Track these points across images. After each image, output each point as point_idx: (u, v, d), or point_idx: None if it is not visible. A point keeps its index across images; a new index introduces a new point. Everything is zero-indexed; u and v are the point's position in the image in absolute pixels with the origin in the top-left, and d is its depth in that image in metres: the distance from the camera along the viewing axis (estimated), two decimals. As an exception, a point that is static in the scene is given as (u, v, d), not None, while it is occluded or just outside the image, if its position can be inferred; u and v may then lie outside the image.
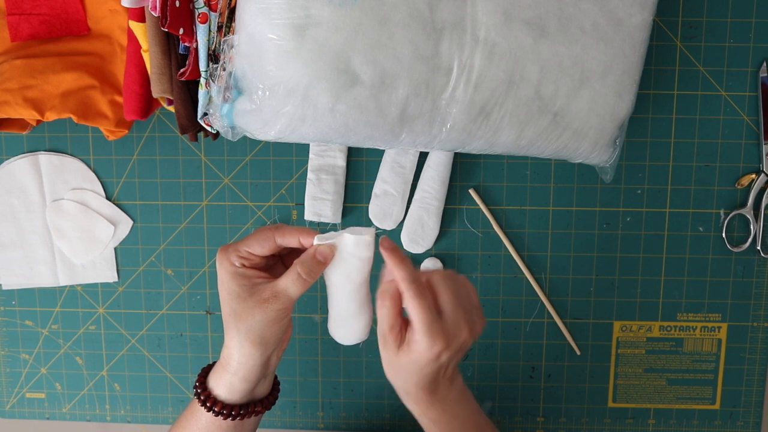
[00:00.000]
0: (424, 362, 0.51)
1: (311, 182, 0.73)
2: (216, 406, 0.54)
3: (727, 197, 0.74)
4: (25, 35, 0.67)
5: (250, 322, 0.51)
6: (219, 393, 0.54)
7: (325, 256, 0.50)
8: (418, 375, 0.52)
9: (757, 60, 0.72)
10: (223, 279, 0.51)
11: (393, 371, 0.54)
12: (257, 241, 0.51)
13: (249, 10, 0.54)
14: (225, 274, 0.51)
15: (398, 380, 0.54)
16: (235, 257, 0.51)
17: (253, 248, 0.51)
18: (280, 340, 0.54)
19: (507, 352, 0.78)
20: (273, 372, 0.57)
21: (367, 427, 0.80)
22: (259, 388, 0.56)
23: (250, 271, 0.51)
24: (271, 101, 0.56)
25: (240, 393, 0.54)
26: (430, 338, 0.50)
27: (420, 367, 0.52)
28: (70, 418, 0.81)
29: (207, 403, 0.54)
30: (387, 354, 0.53)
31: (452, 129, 0.60)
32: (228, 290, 0.51)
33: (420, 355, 0.51)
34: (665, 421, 0.79)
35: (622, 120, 0.64)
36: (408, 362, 0.52)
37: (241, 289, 0.51)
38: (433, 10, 0.56)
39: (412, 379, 0.53)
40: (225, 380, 0.54)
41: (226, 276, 0.51)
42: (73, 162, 0.75)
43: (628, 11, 0.61)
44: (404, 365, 0.52)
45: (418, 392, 0.54)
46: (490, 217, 0.75)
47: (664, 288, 0.76)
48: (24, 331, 0.79)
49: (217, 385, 0.55)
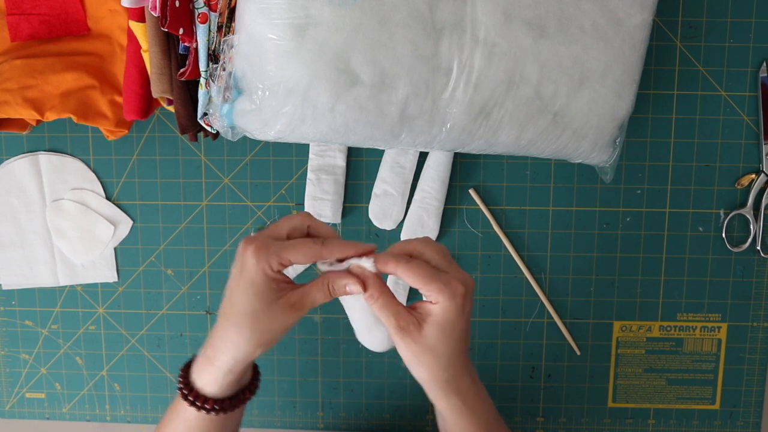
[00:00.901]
0: (454, 318, 0.51)
1: (311, 182, 0.73)
2: (207, 404, 0.53)
3: (727, 197, 0.74)
4: (25, 35, 0.67)
5: (269, 325, 0.50)
6: (205, 388, 0.53)
7: (353, 290, 0.51)
8: (454, 338, 0.51)
9: (757, 60, 0.72)
10: (255, 279, 0.50)
11: (425, 355, 0.52)
12: (301, 253, 0.50)
13: (249, 10, 0.54)
14: (259, 273, 0.49)
15: (433, 360, 0.52)
16: (276, 262, 0.49)
17: (296, 259, 0.50)
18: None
19: (507, 352, 0.78)
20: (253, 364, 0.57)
21: (367, 427, 0.80)
22: (244, 378, 0.56)
23: (281, 275, 0.51)
24: (271, 101, 0.56)
25: (228, 387, 0.54)
26: (448, 288, 0.50)
27: (452, 328, 0.51)
28: (70, 418, 0.81)
29: (190, 398, 0.53)
30: (411, 340, 0.51)
31: (452, 129, 0.60)
32: (256, 290, 0.50)
33: (447, 313, 0.50)
34: (665, 421, 0.79)
35: (622, 120, 0.64)
36: (438, 331, 0.51)
37: (269, 291, 0.50)
38: (433, 10, 0.56)
39: (449, 346, 0.52)
40: (211, 375, 0.53)
41: (260, 276, 0.50)
42: (73, 162, 0.75)
43: (628, 11, 0.61)
44: (435, 338, 0.51)
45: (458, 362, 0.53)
46: (490, 217, 0.75)
47: (664, 288, 0.76)
48: (24, 331, 0.79)
49: (203, 380, 0.53)
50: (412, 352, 0.52)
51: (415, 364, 0.53)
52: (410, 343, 0.51)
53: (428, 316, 0.51)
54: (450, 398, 0.54)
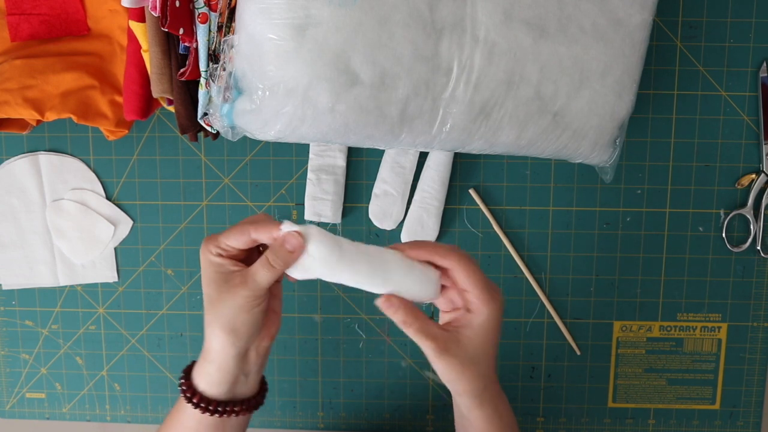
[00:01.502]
0: (495, 327, 0.52)
1: (311, 182, 0.73)
2: (195, 398, 0.54)
3: (727, 197, 0.74)
4: (25, 35, 0.67)
5: (221, 308, 0.52)
6: (199, 383, 0.55)
7: (293, 245, 0.50)
8: (493, 345, 0.53)
9: (757, 60, 0.72)
10: (203, 267, 0.53)
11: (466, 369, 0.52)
12: (235, 234, 0.52)
13: (249, 10, 0.54)
14: (204, 261, 0.53)
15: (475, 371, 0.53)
16: (214, 247, 0.52)
17: (230, 241, 0.52)
18: (252, 332, 0.53)
19: (507, 352, 0.78)
20: (255, 371, 0.56)
21: (367, 427, 0.80)
22: (241, 386, 0.56)
23: (227, 260, 0.52)
24: (271, 101, 0.56)
25: (218, 386, 0.54)
26: (497, 295, 0.52)
27: (493, 336, 0.53)
28: (70, 418, 0.81)
29: (187, 394, 0.54)
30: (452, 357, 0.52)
31: (452, 129, 0.60)
32: (206, 277, 0.53)
33: (490, 322, 0.52)
34: (665, 421, 0.79)
35: (622, 120, 0.64)
36: (480, 342, 0.52)
37: (217, 276, 0.52)
38: (433, 10, 0.56)
39: (489, 354, 0.53)
40: (204, 370, 0.54)
41: (205, 264, 0.53)
42: (73, 162, 0.75)
43: (628, 11, 0.61)
44: (476, 349, 0.52)
45: (492, 369, 0.54)
46: (490, 217, 0.75)
47: (664, 288, 0.76)
48: (24, 331, 0.79)
49: (198, 376, 0.55)
50: (455, 369, 0.52)
51: (455, 380, 0.53)
52: (452, 360, 0.52)
53: (466, 328, 0.52)
54: (484, 408, 0.55)
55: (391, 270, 0.52)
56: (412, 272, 0.52)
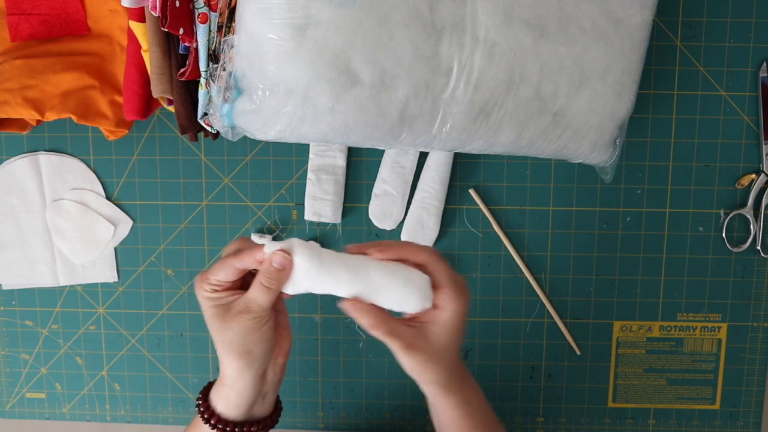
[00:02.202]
0: (462, 322, 0.54)
1: (311, 182, 0.73)
2: (213, 419, 0.55)
3: (727, 197, 0.74)
4: (25, 35, 0.67)
5: (230, 335, 0.53)
6: (217, 405, 0.56)
7: (280, 263, 0.52)
8: (458, 339, 0.55)
9: (757, 60, 0.72)
10: (202, 304, 0.54)
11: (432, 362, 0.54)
12: (221, 269, 0.53)
13: (249, 10, 0.54)
14: (201, 300, 0.54)
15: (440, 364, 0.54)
16: (206, 284, 0.54)
17: (219, 276, 0.53)
18: (266, 350, 0.54)
19: (507, 352, 0.78)
20: (272, 390, 0.57)
21: (367, 427, 0.80)
22: (257, 407, 0.57)
23: (223, 293, 0.54)
24: (271, 101, 0.56)
25: (236, 408, 0.55)
26: (464, 291, 0.54)
27: (459, 330, 0.54)
28: (70, 418, 0.81)
29: (205, 415, 0.56)
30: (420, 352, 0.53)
31: (452, 129, 0.60)
32: (207, 313, 0.54)
33: (457, 317, 0.53)
34: (665, 421, 0.79)
35: (622, 120, 0.64)
36: (447, 336, 0.54)
37: (217, 309, 0.53)
38: (433, 10, 0.56)
39: (454, 348, 0.55)
40: (223, 394, 0.56)
41: (203, 301, 0.54)
42: (73, 162, 0.75)
43: (628, 11, 0.61)
44: (443, 344, 0.54)
45: (457, 359, 0.56)
46: (490, 217, 0.75)
47: (664, 288, 0.76)
48: (24, 331, 0.79)
49: (216, 399, 0.56)
50: (420, 363, 0.54)
51: (421, 372, 0.54)
52: (418, 356, 0.53)
53: (433, 324, 0.54)
54: (450, 396, 0.56)
55: (373, 277, 0.53)
56: (393, 278, 0.53)
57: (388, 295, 0.53)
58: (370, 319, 0.52)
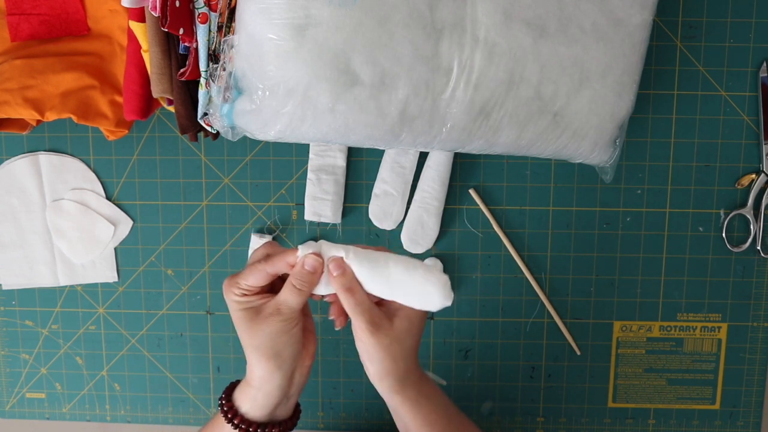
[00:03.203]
0: (420, 315, 0.56)
1: (311, 182, 0.73)
2: (236, 419, 0.56)
3: (727, 197, 0.74)
4: (25, 35, 0.67)
5: (260, 337, 0.54)
6: (241, 406, 0.56)
7: (312, 265, 0.53)
8: (419, 330, 0.56)
9: (757, 60, 0.72)
10: (231, 308, 0.55)
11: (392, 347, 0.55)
12: (252, 274, 0.54)
13: (249, 10, 0.54)
14: (231, 304, 0.55)
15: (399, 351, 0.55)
16: (237, 290, 0.54)
17: (249, 281, 0.54)
18: (295, 352, 0.55)
19: (507, 352, 0.78)
20: (297, 392, 0.58)
21: (367, 427, 0.80)
22: (281, 408, 0.57)
23: (252, 297, 0.55)
24: (271, 101, 0.56)
25: (261, 409, 0.56)
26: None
27: (420, 320, 0.56)
28: (70, 418, 0.81)
29: (228, 414, 0.56)
30: (383, 335, 0.54)
31: (452, 129, 0.60)
32: (237, 318, 0.55)
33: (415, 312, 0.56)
34: (665, 421, 0.79)
35: (622, 120, 0.64)
36: (408, 324, 0.55)
37: (246, 312, 0.54)
38: (433, 10, 0.56)
39: (414, 338, 0.56)
40: (249, 395, 0.56)
41: (233, 306, 0.55)
42: (73, 162, 0.75)
43: (628, 11, 0.61)
44: (405, 331, 0.55)
45: (415, 354, 0.57)
46: (490, 217, 0.75)
47: (664, 288, 0.76)
48: (24, 331, 0.79)
49: (241, 399, 0.57)
50: (382, 345, 0.54)
51: (378, 358, 0.55)
52: (381, 337, 0.54)
53: (398, 310, 0.56)
54: (406, 390, 0.57)
55: (393, 273, 0.54)
56: (412, 274, 0.54)
57: (406, 292, 0.55)
58: (347, 281, 0.54)
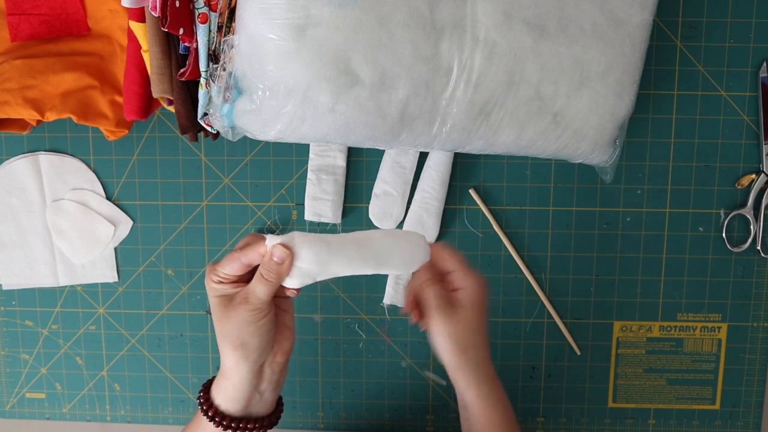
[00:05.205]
0: (481, 299, 0.58)
1: (311, 182, 0.73)
2: (211, 411, 0.56)
3: (727, 197, 0.74)
4: (25, 35, 0.67)
5: (228, 325, 0.54)
6: (215, 398, 0.56)
7: (279, 256, 0.53)
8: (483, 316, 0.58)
9: (757, 60, 0.72)
10: (209, 294, 0.56)
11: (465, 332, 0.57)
12: (228, 263, 0.55)
13: (249, 10, 0.54)
14: (209, 289, 0.56)
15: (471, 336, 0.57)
16: (214, 275, 0.55)
17: (226, 269, 0.55)
18: (263, 344, 0.55)
19: (507, 352, 0.78)
20: (271, 389, 0.57)
21: (367, 427, 0.80)
22: (255, 405, 0.57)
23: (228, 285, 0.55)
24: (271, 101, 0.56)
25: (233, 402, 0.56)
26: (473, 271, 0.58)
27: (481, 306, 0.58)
28: (70, 418, 0.81)
29: (204, 407, 0.56)
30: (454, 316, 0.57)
31: (452, 129, 0.60)
32: (212, 303, 0.56)
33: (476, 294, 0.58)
34: (665, 421, 0.79)
35: (622, 120, 0.64)
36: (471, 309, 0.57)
37: (220, 299, 0.55)
38: (433, 10, 0.56)
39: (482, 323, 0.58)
40: (221, 386, 0.56)
41: (210, 292, 0.56)
42: (73, 162, 0.75)
43: (628, 11, 0.61)
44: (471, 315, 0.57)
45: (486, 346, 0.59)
46: (490, 217, 0.75)
47: (664, 288, 0.76)
48: (24, 331, 0.79)
49: (215, 391, 0.57)
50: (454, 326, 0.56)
51: (453, 342, 0.57)
52: (452, 318, 0.56)
53: (458, 301, 0.57)
54: (481, 387, 0.58)
55: (379, 247, 0.55)
56: (397, 242, 0.56)
57: (397, 258, 0.55)
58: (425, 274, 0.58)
